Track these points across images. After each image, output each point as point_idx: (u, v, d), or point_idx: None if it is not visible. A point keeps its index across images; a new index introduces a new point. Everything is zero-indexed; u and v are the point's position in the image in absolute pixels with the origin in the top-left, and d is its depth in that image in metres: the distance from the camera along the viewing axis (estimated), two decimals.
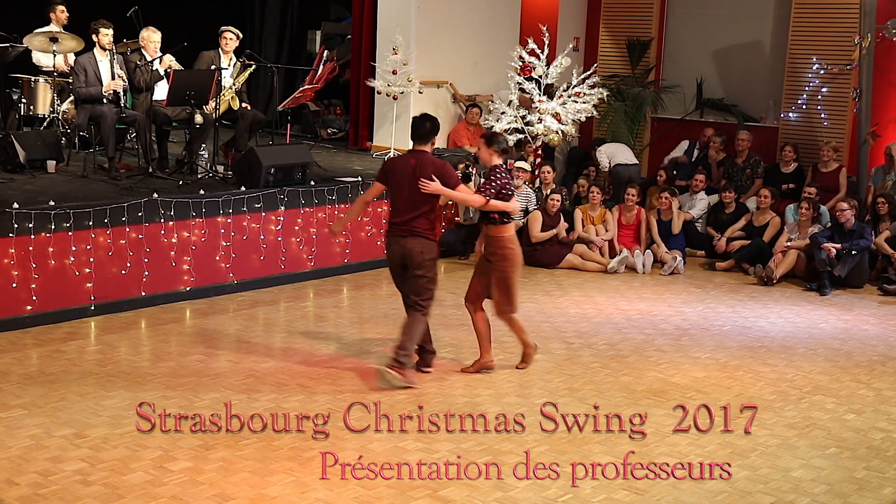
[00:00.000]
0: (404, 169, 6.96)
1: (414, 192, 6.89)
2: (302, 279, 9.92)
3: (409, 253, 6.92)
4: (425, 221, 6.94)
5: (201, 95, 9.85)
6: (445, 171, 6.95)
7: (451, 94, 13.25)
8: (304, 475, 5.48)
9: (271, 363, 7.42)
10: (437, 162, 6.98)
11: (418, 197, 6.89)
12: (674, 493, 5.46)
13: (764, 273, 10.59)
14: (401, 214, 6.97)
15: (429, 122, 7.03)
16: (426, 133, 7.01)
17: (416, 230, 6.91)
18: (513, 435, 6.19)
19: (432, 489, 5.38)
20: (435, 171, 6.89)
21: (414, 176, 6.88)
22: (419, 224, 6.92)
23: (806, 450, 6.17)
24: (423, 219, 6.94)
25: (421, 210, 6.91)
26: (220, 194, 9.24)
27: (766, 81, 13.17)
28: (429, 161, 6.94)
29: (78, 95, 9.80)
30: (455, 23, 13.03)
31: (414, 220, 6.92)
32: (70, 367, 7.12)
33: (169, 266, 8.87)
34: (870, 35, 11.48)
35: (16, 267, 7.86)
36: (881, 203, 10.85)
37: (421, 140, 7.03)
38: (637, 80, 13.74)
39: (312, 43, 16.06)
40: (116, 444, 5.79)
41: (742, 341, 8.52)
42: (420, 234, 6.92)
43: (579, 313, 9.21)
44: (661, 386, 7.26)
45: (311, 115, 15.12)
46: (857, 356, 8.21)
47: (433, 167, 6.92)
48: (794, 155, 12.21)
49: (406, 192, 6.93)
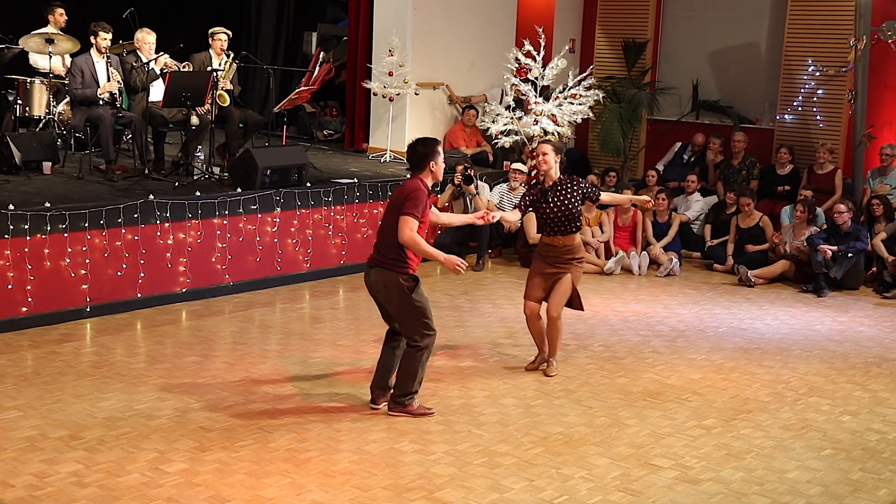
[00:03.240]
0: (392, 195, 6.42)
1: (388, 218, 6.28)
2: (298, 281, 9.92)
3: (374, 286, 6.37)
4: (391, 249, 6.23)
5: (197, 97, 9.85)
6: (406, 194, 6.18)
7: (448, 95, 13.25)
8: (300, 477, 5.48)
9: (267, 365, 7.41)
10: (411, 187, 6.22)
11: (389, 222, 6.24)
12: (669, 495, 5.46)
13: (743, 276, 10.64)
14: (377, 242, 6.39)
15: (419, 145, 6.35)
16: (414, 160, 6.36)
17: (379, 261, 6.30)
18: (508, 436, 6.20)
19: (428, 491, 5.38)
20: (399, 196, 6.21)
21: (392, 200, 6.31)
22: (385, 253, 6.26)
23: (801, 451, 6.17)
24: (389, 247, 6.24)
25: (386, 238, 6.25)
26: (216, 196, 9.24)
27: (762, 83, 13.19)
28: (406, 187, 6.25)
29: (74, 97, 9.79)
30: (451, 24, 13.04)
31: (381, 249, 6.30)
32: (66, 369, 7.11)
33: (165, 267, 8.87)
34: (865, 37, 11.51)
35: (11, 268, 7.85)
36: (876, 205, 10.87)
37: (412, 167, 6.40)
38: (633, 81, 13.76)
39: (308, 45, 16.06)
40: (112, 446, 5.78)
41: (738, 343, 8.53)
42: (382, 264, 6.26)
43: (575, 314, 9.19)
44: (657, 387, 7.26)
45: (307, 116, 15.12)
46: (852, 358, 8.22)
47: (401, 192, 6.23)
48: (789, 157, 12.24)
49: (385, 217, 6.35)
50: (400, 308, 6.29)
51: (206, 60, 10.45)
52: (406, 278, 6.23)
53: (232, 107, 10.52)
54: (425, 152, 6.30)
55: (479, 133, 12.96)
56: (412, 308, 6.26)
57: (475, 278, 10.53)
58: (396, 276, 6.21)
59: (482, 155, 12.71)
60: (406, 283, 6.23)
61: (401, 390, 6.42)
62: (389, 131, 12.63)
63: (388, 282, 6.24)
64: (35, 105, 10.62)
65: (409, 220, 6.12)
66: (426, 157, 6.29)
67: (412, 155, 6.37)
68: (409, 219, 6.12)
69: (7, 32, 11.19)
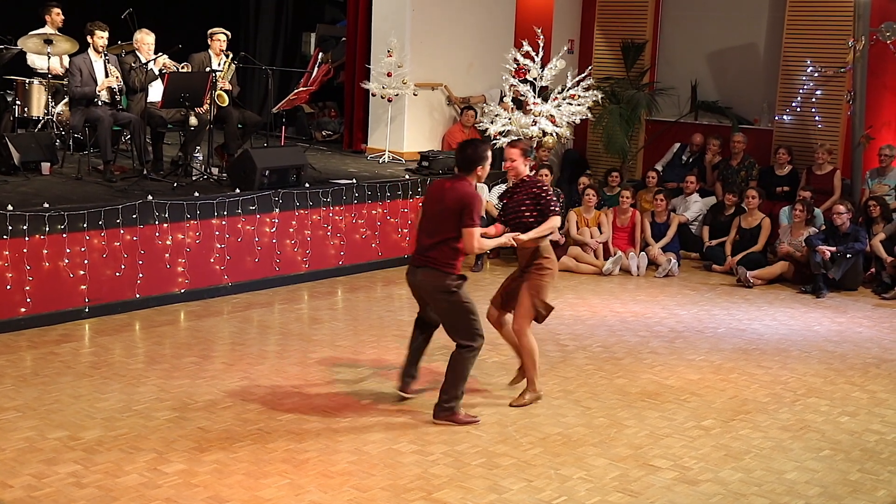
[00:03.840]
0: (435, 192, 6.38)
1: (435, 219, 6.29)
2: (296, 281, 9.92)
3: (419, 287, 6.40)
4: (441, 252, 6.24)
5: (196, 97, 9.85)
6: (466, 204, 6.17)
7: (446, 96, 13.25)
8: (298, 477, 5.48)
9: (266, 365, 7.41)
10: (466, 193, 6.21)
11: (438, 225, 6.26)
12: (668, 496, 5.46)
13: (742, 277, 10.65)
14: (420, 241, 6.39)
15: (469, 148, 6.35)
16: (462, 162, 6.35)
17: (427, 261, 6.29)
18: (507, 437, 6.19)
19: (426, 491, 5.38)
20: (454, 201, 6.19)
21: (440, 201, 6.27)
22: (433, 255, 6.26)
23: (800, 452, 6.18)
24: (439, 249, 6.25)
25: (437, 239, 6.25)
26: (214, 196, 9.24)
27: (761, 84, 13.19)
28: (459, 191, 6.22)
29: (73, 94, 9.78)
30: (450, 25, 13.04)
31: (429, 251, 6.29)
32: (64, 370, 7.11)
33: (163, 268, 8.86)
34: (864, 38, 11.52)
35: (10, 269, 7.85)
36: (873, 206, 10.88)
37: (460, 168, 6.39)
38: (631, 82, 13.75)
39: (307, 45, 16.06)
40: (110, 447, 5.78)
41: (736, 343, 8.53)
42: (431, 265, 6.26)
43: (574, 315, 9.21)
44: (656, 388, 7.26)
45: (305, 117, 15.12)
46: (851, 358, 8.23)
47: (455, 196, 6.21)
48: (788, 157, 12.23)
49: (428, 216, 6.37)
50: (448, 311, 6.30)
51: (204, 61, 10.46)
52: (454, 279, 6.27)
53: (231, 107, 10.53)
54: (475, 157, 6.30)
55: (477, 134, 12.94)
56: (461, 309, 6.28)
57: (473, 279, 10.52)
58: (445, 277, 6.24)
59: None
60: (454, 283, 6.26)
61: (448, 394, 6.33)
62: (388, 132, 12.63)
63: (436, 284, 6.26)
64: (33, 106, 10.61)
65: (474, 231, 6.19)
66: (475, 162, 6.30)
67: (461, 157, 6.36)
68: (474, 230, 6.18)
69: (5, 33, 11.18)
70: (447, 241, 6.21)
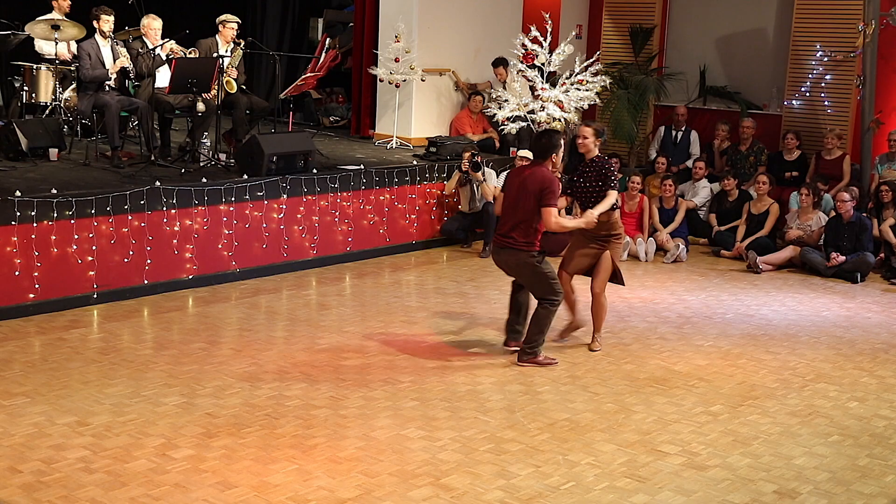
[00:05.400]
0: (514, 179, 7.19)
1: (515, 204, 7.06)
2: (304, 267, 9.92)
3: (505, 264, 7.24)
4: (521, 232, 7.05)
5: (203, 83, 9.83)
6: (545, 187, 6.96)
7: (454, 81, 13.22)
8: (306, 463, 5.49)
9: (273, 351, 7.42)
10: (545, 177, 7.00)
11: (518, 208, 7.04)
12: (676, 481, 5.46)
13: (752, 262, 10.63)
14: (502, 224, 7.19)
15: (544, 137, 7.18)
16: (538, 150, 7.21)
17: (509, 243, 7.09)
18: (515, 423, 6.20)
19: (434, 477, 5.38)
20: (534, 183, 6.97)
21: (520, 188, 7.04)
22: (515, 235, 7.06)
23: (808, 437, 6.17)
24: (520, 230, 7.05)
25: (517, 221, 7.05)
26: (222, 182, 9.23)
27: (770, 69, 13.14)
28: (538, 175, 7.01)
29: (84, 78, 9.74)
30: (457, 10, 13.00)
31: (511, 232, 7.08)
32: (73, 355, 7.13)
33: (171, 254, 8.87)
34: (874, 22, 11.44)
35: (18, 255, 7.86)
36: (885, 191, 10.82)
37: (536, 155, 7.26)
38: (640, 67, 13.70)
39: (314, 31, 16.02)
40: (119, 432, 5.80)
41: (745, 329, 8.52)
42: (512, 246, 7.07)
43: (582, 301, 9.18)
44: (664, 374, 7.26)
45: (313, 103, 15.10)
46: (860, 344, 8.21)
47: (535, 179, 6.99)
48: (797, 143, 12.19)
49: (509, 201, 7.12)
50: (532, 280, 7.21)
51: (212, 47, 10.44)
52: (535, 254, 7.09)
53: (238, 93, 10.51)
54: (549, 145, 7.11)
55: (485, 119, 12.93)
56: (543, 277, 7.15)
57: (481, 265, 10.52)
58: (527, 254, 7.07)
59: (488, 141, 12.68)
60: (535, 258, 7.09)
61: (531, 342, 7.22)
62: (395, 118, 12.62)
63: (519, 262, 7.12)
64: (41, 91, 10.62)
65: (552, 210, 7.02)
66: (549, 149, 7.11)
67: (537, 145, 7.23)
68: (552, 209, 7.00)
69: (12, 18, 11.17)
70: (527, 221, 7.02)
